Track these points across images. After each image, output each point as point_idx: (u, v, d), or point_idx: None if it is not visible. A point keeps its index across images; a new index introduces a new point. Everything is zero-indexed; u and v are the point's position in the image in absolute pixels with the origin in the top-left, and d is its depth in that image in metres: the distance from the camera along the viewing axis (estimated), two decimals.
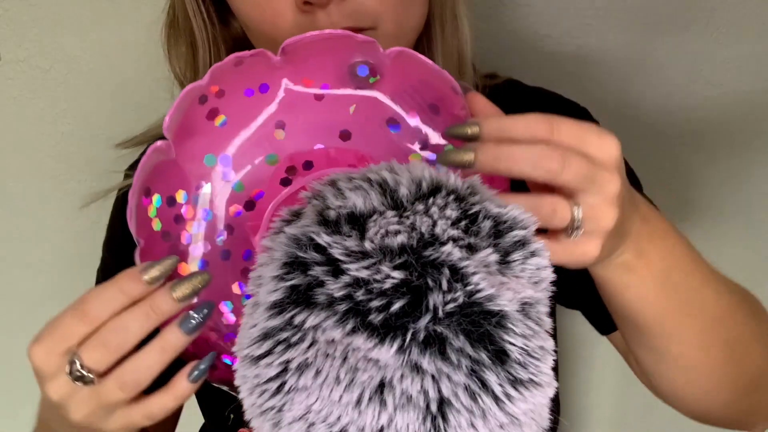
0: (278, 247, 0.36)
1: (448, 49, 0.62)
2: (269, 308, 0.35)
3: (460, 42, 0.62)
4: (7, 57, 0.80)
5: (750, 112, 0.91)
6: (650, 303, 0.46)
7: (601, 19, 0.85)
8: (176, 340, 0.41)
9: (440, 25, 0.61)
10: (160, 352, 0.41)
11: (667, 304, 0.47)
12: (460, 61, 0.63)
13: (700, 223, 0.97)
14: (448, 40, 0.61)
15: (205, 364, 0.43)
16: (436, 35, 0.61)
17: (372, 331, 0.33)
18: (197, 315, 0.41)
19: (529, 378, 0.34)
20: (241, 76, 0.45)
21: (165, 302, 0.41)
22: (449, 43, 0.61)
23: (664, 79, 0.89)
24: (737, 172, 0.94)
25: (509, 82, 0.70)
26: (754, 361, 0.52)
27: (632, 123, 0.91)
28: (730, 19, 0.86)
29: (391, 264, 0.34)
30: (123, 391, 0.41)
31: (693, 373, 0.50)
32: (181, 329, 0.41)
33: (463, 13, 0.62)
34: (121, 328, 0.40)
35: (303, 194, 0.40)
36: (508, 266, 0.36)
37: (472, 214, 0.36)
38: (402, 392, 0.34)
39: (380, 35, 0.54)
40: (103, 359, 0.40)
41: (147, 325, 0.41)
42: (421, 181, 0.37)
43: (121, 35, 0.80)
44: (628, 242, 0.44)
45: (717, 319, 0.49)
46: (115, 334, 0.40)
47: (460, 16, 0.62)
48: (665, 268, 0.46)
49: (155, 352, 0.41)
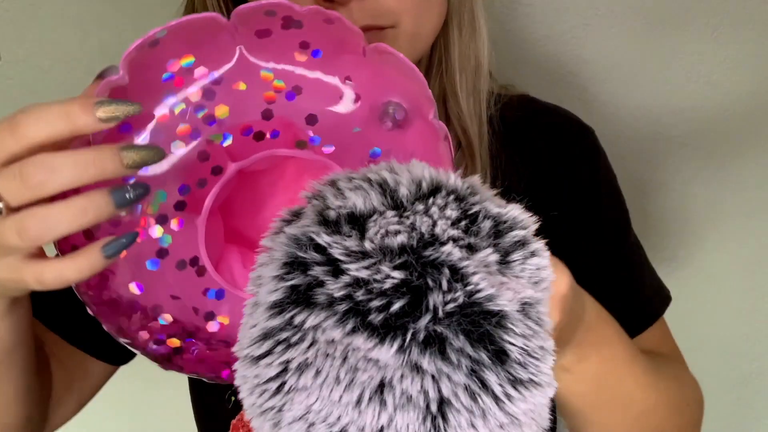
0: (278, 247, 0.36)
1: (465, 52, 0.62)
2: (269, 308, 0.35)
3: (477, 46, 0.62)
4: (7, 57, 0.80)
5: (750, 112, 0.91)
6: (580, 397, 0.50)
7: (601, 19, 0.85)
8: (103, 205, 0.36)
9: (458, 29, 0.61)
10: (80, 212, 0.35)
11: (596, 399, 0.50)
12: (477, 67, 0.63)
13: (700, 223, 0.97)
14: (465, 43, 0.62)
15: (126, 239, 0.38)
16: (453, 39, 0.61)
17: (372, 331, 0.33)
18: (133, 191, 0.36)
19: (529, 378, 0.35)
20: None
21: (112, 161, 0.35)
22: (466, 48, 0.62)
23: (664, 79, 0.89)
24: (737, 172, 0.94)
25: (523, 98, 0.71)
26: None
27: (632, 123, 0.91)
28: (730, 19, 0.86)
29: (391, 264, 0.34)
30: (20, 237, 0.35)
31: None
32: (112, 196, 0.36)
33: (481, 18, 0.62)
34: (49, 166, 0.35)
35: (303, 194, 0.40)
36: (508, 266, 0.36)
37: (472, 214, 0.36)
38: (402, 392, 0.34)
39: (400, 34, 0.54)
40: (16, 192, 0.35)
41: (80, 176, 0.35)
42: (421, 181, 0.37)
43: (121, 35, 0.80)
44: (568, 349, 0.46)
45: (642, 413, 0.54)
46: (39, 170, 0.35)
47: (479, 21, 0.62)
48: (601, 373, 0.49)
49: (74, 209, 0.35)
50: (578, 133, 0.70)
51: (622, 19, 0.85)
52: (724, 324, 1.04)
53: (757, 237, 0.98)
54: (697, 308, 1.01)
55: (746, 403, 1.09)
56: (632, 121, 0.91)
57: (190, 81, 0.44)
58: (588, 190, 0.68)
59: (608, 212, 0.69)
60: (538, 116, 0.70)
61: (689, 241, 0.97)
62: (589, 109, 0.90)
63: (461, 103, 0.62)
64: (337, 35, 0.43)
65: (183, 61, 0.42)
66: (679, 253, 0.98)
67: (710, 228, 0.97)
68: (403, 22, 0.54)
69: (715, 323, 1.04)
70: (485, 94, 0.64)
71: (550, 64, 0.87)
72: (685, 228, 0.97)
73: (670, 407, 0.57)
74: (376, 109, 0.46)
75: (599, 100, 0.90)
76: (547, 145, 0.68)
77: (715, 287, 1.01)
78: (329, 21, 0.41)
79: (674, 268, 0.99)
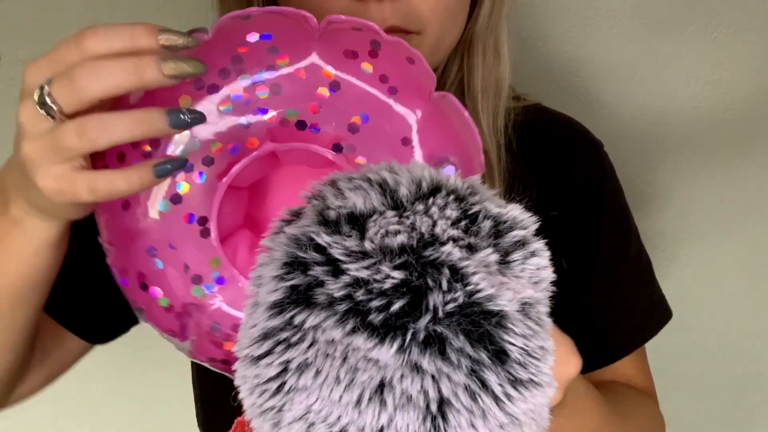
0: (278, 247, 0.36)
1: (488, 76, 0.63)
2: (269, 308, 0.35)
3: (500, 70, 0.64)
4: (7, 57, 0.80)
5: (750, 112, 0.91)
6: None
7: (601, 19, 0.85)
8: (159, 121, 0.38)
9: (482, 53, 0.63)
10: (137, 122, 0.37)
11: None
12: (499, 90, 0.64)
13: (700, 223, 0.97)
14: (489, 68, 0.63)
15: (174, 163, 0.40)
16: (477, 63, 0.63)
17: (372, 331, 0.33)
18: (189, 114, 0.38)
19: (529, 378, 0.35)
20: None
21: (150, 67, 0.37)
22: (489, 72, 0.63)
23: (664, 79, 0.89)
24: (737, 172, 0.94)
25: (535, 107, 0.71)
26: None
27: (632, 123, 0.91)
28: (730, 19, 0.86)
29: (391, 264, 0.34)
30: (79, 138, 0.37)
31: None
32: (168, 115, 0.38)
33: (505, 44, 0.64)
34: (94, 69, 0.37)
35: (303, 194, 0.40)
36: (508, 266, 0.36)
37: (472, 214, 0.36)
38: (402, 392, 0.34)
39: (423, 41, 0.56)
40: (67, 95, 0.37)
41: (121, 79, 0.37)
42: (421, 181, 0.37)
43: None
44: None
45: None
46: (85, 73, 0.37)
47: (503, 47, 0.64)
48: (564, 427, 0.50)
49: (132, 118, 0.37)
50: (586, 148, 0.70)
51: (622, 19, 0.85)
52: (724, 324, 1.04)
53: (757, 237, 0.98)
54: (697, 308, 1.01)
55: (746, 403, 1.09)
56: (632, 121, 0.91)
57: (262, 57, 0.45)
58: (590, 207, 0.68)
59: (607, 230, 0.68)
60: (547, 128, 0.70)
61: (689, 241, 0.97)
62: (589, 109, 0.90)
63: (482, 124, 0.63)
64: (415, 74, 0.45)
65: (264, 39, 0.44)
66: (679, 253, 0.98)
67: (710, 228, 0.97)
68: (429, 30, 0.55)
69: (715, 323, 1.04)
70: (504, 113, 0.65)
71: (550, 64, 0.87)
72: (685, 228, 0.97)
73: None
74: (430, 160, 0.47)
75: (599, 100, 0.90)
76: (555, 159, 0.68)
77: (715, 287, 1.01)
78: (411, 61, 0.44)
79: (674, 268, 0.99)
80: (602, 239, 0.68)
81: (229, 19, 0.42)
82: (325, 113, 0.48)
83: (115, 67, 0.37)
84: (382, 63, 0.46)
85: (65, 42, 0.38)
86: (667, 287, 0.74)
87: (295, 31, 0.45)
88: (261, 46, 0.45)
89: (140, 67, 0.37)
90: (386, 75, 0.46)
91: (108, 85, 0.37)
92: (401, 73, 0.46)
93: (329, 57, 0.46)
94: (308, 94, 0.47)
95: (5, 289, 0.46)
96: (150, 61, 0.37)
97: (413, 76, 0.46)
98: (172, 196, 0.49)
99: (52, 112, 0.38)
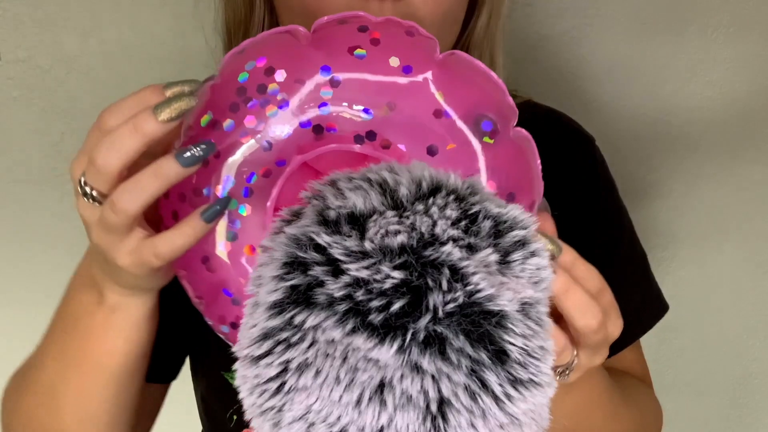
0: (278, 247, 0.36)
1: None
2: (269, 308, 0.35)
3: None
4: (7, 57, 0.80)
5: (750, 112, 0.91)
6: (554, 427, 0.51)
7: (601, 19, 0.85)
8: (170, 168, 0.39)
9: None
10: (153, 177, 0.39)
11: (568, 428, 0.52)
12: None
13: (700, 223, 0.97)
14: None
15: (221, 205, 0.42)
16: None
17: (372, 331, 0.33)
18: (196, 148, 0.40)
19: (529, 378, 0.35)
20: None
21: (146, 120, 0.38)
22: None
23: (664, 79, 0.89)
24: (737, 172, 0.94)
25: (526, 104, 0.72)
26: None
27: (632, 123, 0.91)
28: (730, 19, 0.86)
29: (391, 264, 0.34)
30: (116, 213, 0.39)
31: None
32: (176, 158, 0.39)
33: (500, 55, 0.65)
34: (106, 143, 0.39)
35: (303, 194, 0.40)
36: (508, 266, 0.36)
37: (472, 214, 0.36)
38: (402, 392, 0.34)
39: None
40: (96, 178, 0.39)
41: (130, 143, 0.38)
42: (421, 181, 0.37)
43: (121, 35, 0.80)
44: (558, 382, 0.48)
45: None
46: (102, 150, 0.39)
47: (498, 57, 0.65)
48: (580, 403, 0.51)
49: (147, 176, 0.39)
50: (578, 143, 0.70)
51: (622, 19, 0.85)
52: (724, 324, 1.04)
53: (757, 237, 0.98)
54: (697, 308, 1.01)
55: (746, 403, 1.09)
56: (632, 121, 0.91)
57: (262, 79, 0.46)
58: (583, 201, 0.68)
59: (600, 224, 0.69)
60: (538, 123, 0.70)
61: (689, 241, 0.97)
62: (588, 109, 0.90)
63: None
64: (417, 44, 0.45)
65: (260, 63, 0.45)
66: (679, 253, 0.98)
67: (710, 228, 0.97)
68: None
69: (715, 323, 1.04)
70: None
71: (550, 64, 0.87)
72: (685, 228, 0.97)
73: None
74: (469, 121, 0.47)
75: (599, 100, 0.90)
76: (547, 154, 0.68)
77: (715, 287, 1.01)
78: (410, 33, 0.44)
79: (674, 268, 0.99)
80: (595, 233, 0.68)
81: (229, 58, 0.43)
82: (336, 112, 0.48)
83: (120, 134, 0.38)
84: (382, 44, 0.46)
85: (91, 129, 0.40)
86: (667, 287, 0.74)
87: (287, 47, 0.45)
88: (258, 71, 0.46)
89: (138, 124, 0.38)
90: (394, 55, 0.46)
91: (121, 154, 0.38)
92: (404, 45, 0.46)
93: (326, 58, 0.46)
94: (314, 99, 0.47)
95: (119, 369, 0.49)
96: (144, 115, 0.38)
97: (417, 46, 0.45)
98: (230, 235, 0.50)
99: (96, 198, 0.40)
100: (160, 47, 0.80)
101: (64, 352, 0.50)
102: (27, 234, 0.89)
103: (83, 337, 0.48)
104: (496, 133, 0.46)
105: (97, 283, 0.46)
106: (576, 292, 0.41)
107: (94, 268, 0.46)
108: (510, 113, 0.45)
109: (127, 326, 0.47)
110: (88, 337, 0.48)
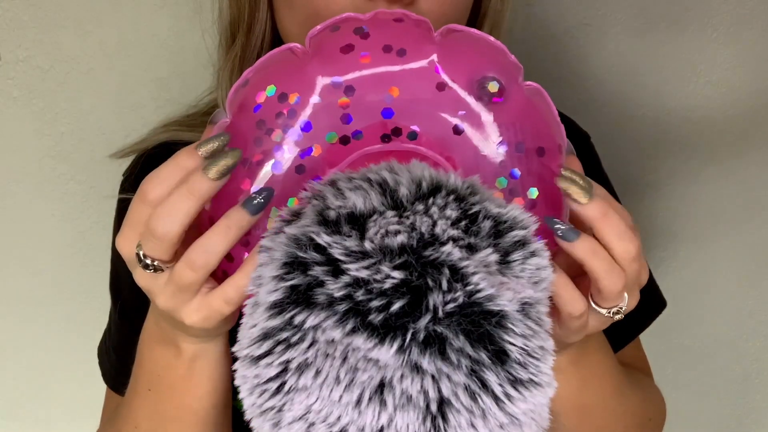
0: (278, 247, 0.36)
1: None
2: (269, 308, 0.35)
3: None
4: (7, 57, 0.80)
5: (750, 112, 0.91)
6: (562, 399, 0.51)
7: (601, 19, 0.85)
8: (239, 218, 0.41)
9: None
10: (225, 230, 0.41)
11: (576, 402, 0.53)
12: None
13: (700, 223, 0.97)
14: None
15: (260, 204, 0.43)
16: None
17: (372, 331, 0.33)
18: (259, 195, 0.41)
19: (529, 378, 0.35)
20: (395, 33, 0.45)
21: (199, 181, 0.40)
22: None
23: (664, 79, 0.89)
24: (737, 172, 0.94)
25: None
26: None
27: (632, 123, 0.91)
28: (730, 19, 0.86)
29: (391, 264, 0.34)
30: (193, 270, 0.41)
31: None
32: (244, 208, 0.41)
33: None
34: (163, 213, 0.40)
35: (302, 194, 0.40)
36: (508, 266, 0.36)
37: (472, 214, 0.36)
38: (402, 392, 0.34)
39: None
40: (158, 248, 0.41)
41: (188, 206, 0.40)
42: (421, 181, 0.37)
43: (121, 35, 0.80)
44: (565, 351, 0.48)
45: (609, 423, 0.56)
46: (159, 220, 0.40)
47: None
48: (587, 377, 0.52)
49: (220, 230, 0.41)
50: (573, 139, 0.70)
51: (622, 19, 0.85)
52: (724, 324, 1.04)
53: (757, 237, 0.98)
54: (697, 308, 1.01)
55: (746, 403, 1.09)
56: (632, 121, 0.91)
57: (277, 107, 0.47)
58: None
59: None
60: None
61: (689, 241, 0.97)
62: (588, 109, 0.90)
63: None
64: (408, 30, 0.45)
65: (267, 90, 0.46)
66: (679, 253, 0.98)
67: (710, 228, 0.97)
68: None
69: (716, 323, 1.04)
70: None
71: (550, 64, 0.87)
72: (685, 228, 0.97)
73: (635, 418, 0.60)
74: (472, 88, 0.47)
75: (599, 100, 0.90)
76: None
77: (716, 287, 1.01)
78: (398, 20, 0.44)
79: (674, 268, 0.99)
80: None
81: (234, 93, 0.43)
82: (356, 117, 0.48)
83: (176, 200, 0.40)
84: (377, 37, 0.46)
85: (133, 204, 0.42)
86: (667, 287, 0.74)
87: (290, 67, 0.45)
88: (271, 100, 0.46)
89: (193, 187, 0.40)
90: (389, 45, 0.46)
91: (181, 219, 0.40)
92: (398, 33, 0.46)
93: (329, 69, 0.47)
94: (332, 110, 0.48)
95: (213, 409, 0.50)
96: (196, 177, 0.40)
97: (409, 30, 0.45)
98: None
99: (159, 267, 0.41)
100: (160, 47, 0.80)
101: (156, 409, 0.51)
102: (27, 234, 0.89)
103: (171, 391, 0.49)
104: (503, 90, 0.47)
105: (170, 339, 0.48)
106: (614, 217, 0.41)
107: (163, 325, 0.48)
108: (514, 69, 0.45)
109: (210, 368, 0.49)
110: (175, 390, 0.49)
